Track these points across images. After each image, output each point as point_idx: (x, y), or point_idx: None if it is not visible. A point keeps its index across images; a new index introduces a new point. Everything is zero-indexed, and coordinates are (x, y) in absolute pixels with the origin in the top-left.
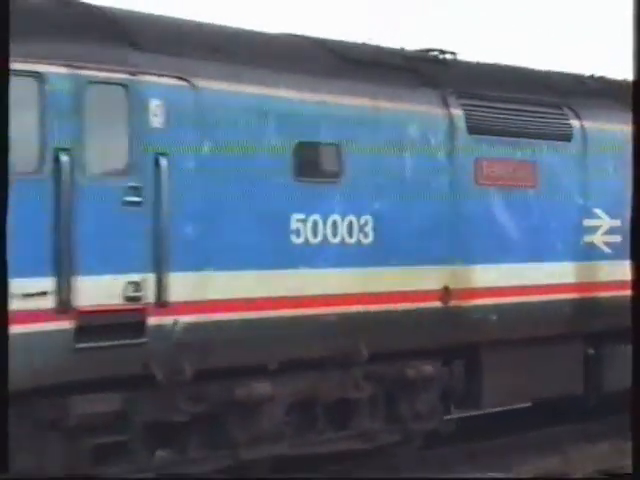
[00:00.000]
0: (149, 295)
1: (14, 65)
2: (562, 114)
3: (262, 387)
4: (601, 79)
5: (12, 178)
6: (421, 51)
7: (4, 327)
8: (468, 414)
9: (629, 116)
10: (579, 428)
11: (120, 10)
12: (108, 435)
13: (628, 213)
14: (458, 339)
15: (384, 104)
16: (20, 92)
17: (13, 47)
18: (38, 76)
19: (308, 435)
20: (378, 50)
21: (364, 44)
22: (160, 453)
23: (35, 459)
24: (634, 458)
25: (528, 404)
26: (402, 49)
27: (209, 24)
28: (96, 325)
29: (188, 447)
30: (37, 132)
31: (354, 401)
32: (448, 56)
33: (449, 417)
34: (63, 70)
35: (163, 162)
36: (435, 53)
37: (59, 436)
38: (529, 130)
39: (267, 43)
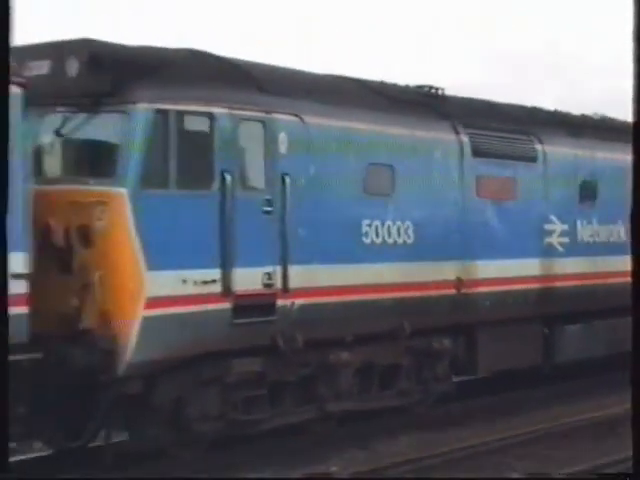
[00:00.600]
0: (277, 283)
1: (193, 107)
2: (530, 140)
3: (344, 355)
4: (556, 112)
5: (191, 194)
6: (418, 87)
7: (4, 326)
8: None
9: (576, 141)
10: (537, 392)
11: (247, 62)
12: (252, 390)
13: (574, 218)
14: (464, 319)
15: (419, 133)
16: (197, 127)
17: (191, 92)
18: (210, 116)
19: (366, 393)
20: (400, 88)
21: (389, 83)
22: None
23: (198, 409)
24: (634, 458)
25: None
26: (408, 86)
27: (307, 72)
28: (245, 305)
29: (287, 402)
30: (208, 157)
31: (397, 367)
32: (440, 91)
33: (455, 380)
34: (225, 111)
35: (287, 180)
36: (427, 89)
37: (218, 390)
38: (511, 153)
39: (339, 85)
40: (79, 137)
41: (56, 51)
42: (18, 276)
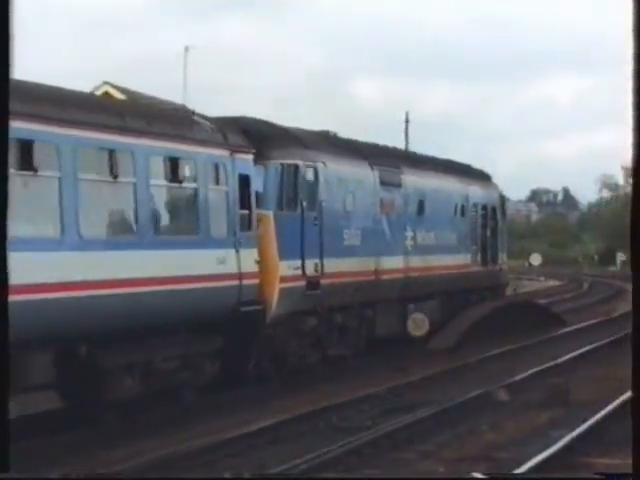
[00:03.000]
0: (319, 270)
1: (289, 160)
2: (399, 171)
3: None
4: (410, 152)
5: (291, 214)
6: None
7: (4, 326)
8: None
9: (420, 172)
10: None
11: (294, 128)
12: (310, 337)
13: (415, 227)
14: (377, 297)
15: (359, 171)
16: (293, 172)
17: (288, 151)
18: (296, 166)
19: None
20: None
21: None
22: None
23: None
24: (634, 458)
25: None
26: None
27: (321, 132)
28: (309, 283)
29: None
30: (296, 191)
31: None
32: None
33: None
34: (301, 162)
35: (323, 204)
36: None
37: (296, 338)
38: (392, 181)
39: (347, 142)
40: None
41: (218, 123)
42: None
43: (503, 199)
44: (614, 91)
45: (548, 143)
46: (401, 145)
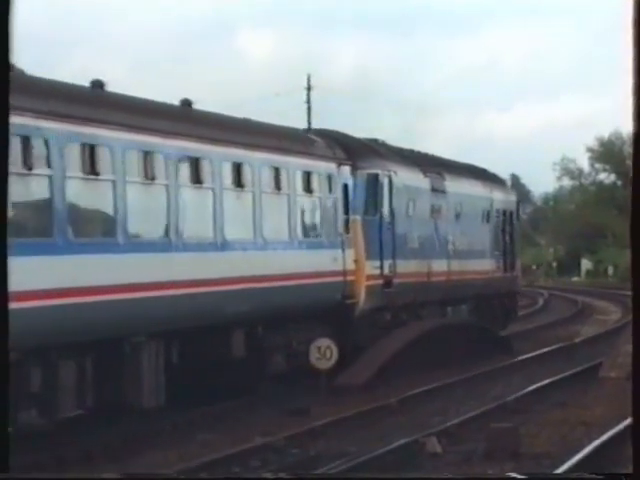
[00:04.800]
0: (393, 270)
1: (375, 170)
2: (443, 177)
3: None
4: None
5: (373, 219)
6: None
7: (4, 325)
8: None
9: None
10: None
11: (368, 140)
12: (383, 332)
13: (455, 233)
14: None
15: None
16: (375, 181)
17: (372, 162)
18: (376, 175)
19: None
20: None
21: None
22: None
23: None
24: (634, 458)
25: None
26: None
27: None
28: (386, 282)
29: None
30: (379, 197)
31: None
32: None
33: None
34: (380, 172)
35: (395, 210)
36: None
37: (374, 331)
38: (441, 188)
39: (411, 152)
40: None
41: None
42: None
43: (518, 204)
44: (578, 50)
45: (492, 117)
46: (301, 118)
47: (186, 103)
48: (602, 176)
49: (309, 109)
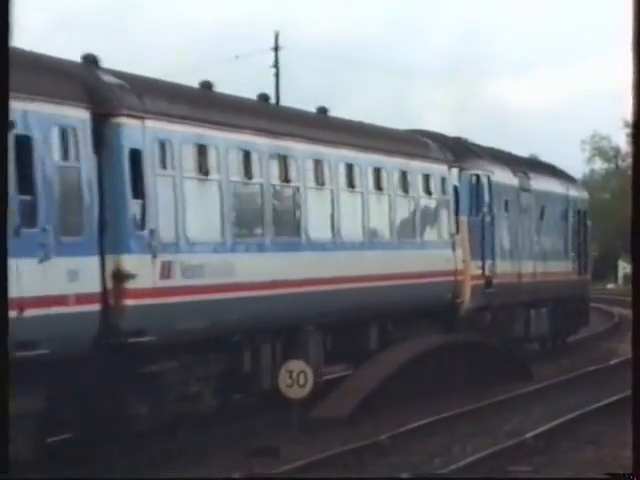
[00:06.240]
0: (493, 270)
1: (478, 171)
2: (528, 176)
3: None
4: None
5: (476, 219)
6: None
7: (4, 325)
8: None
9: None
10: None
11: (456, 138)
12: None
13: (539, 233)
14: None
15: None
16: (477, 182)
17: (474, 163)
18: (478, 176)
19: None
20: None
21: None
22: None
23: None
24: (634, 458)
25: None
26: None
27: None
28: (487, 282)
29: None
30: (483, 198)
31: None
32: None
33: None
34: (481, 172)
35: (494, 210)
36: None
37: (476, 331)
38: (527, 187)
39: (491, 149)
40: None
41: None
42: None
43: (588, 202)
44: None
45: (506, 84)
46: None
47: (206, 85)
48: None
49: (277, 74)
